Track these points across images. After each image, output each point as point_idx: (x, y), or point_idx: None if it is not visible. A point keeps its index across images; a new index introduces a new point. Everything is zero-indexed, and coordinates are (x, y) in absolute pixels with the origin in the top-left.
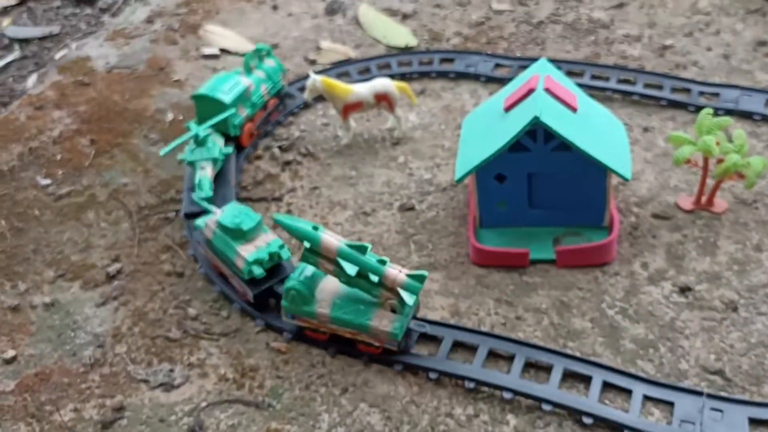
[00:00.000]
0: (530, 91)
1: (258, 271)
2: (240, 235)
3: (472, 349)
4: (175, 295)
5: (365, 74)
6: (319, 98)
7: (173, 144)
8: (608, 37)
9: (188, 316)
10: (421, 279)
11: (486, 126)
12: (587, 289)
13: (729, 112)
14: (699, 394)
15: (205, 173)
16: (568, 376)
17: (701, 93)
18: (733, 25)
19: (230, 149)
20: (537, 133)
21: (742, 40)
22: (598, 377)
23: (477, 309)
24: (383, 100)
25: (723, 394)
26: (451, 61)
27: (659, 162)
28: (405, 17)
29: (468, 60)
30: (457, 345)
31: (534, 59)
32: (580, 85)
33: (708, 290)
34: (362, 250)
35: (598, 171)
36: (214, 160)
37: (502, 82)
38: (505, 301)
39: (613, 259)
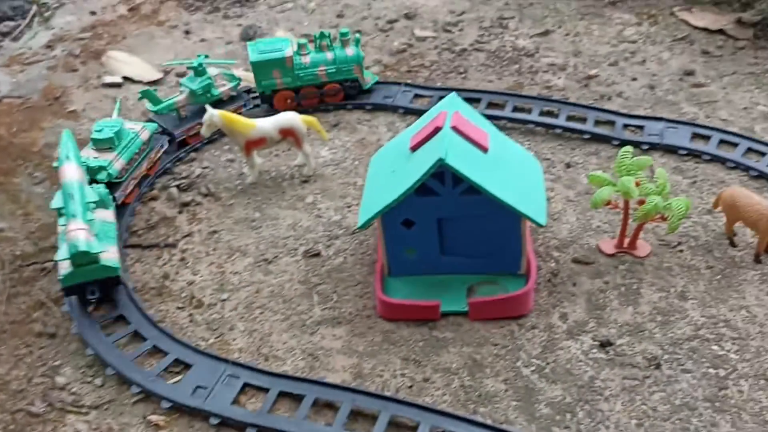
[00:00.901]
0: (437, 130)
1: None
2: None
3: (373, 418)
4: (43, 359)
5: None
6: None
7: (177, 61)
8: (532, 65)
9: (56, 386)
10: (75, 247)
11: (391, 167)
12: (502, 345)
13: (653, 147)
14: None
15: (177, 97)
16: None
17: (625, 126)
18: (659, 53)
19: (217, 92)
20: (444, 175)
21: (669, 69)
22: None
23: (382, 370)
24: (289, 135)
25: None
26: (368, 91)
27: (582, 201)
28: None
29: (386, 90)
30: (356, 413)
31: (454, 90)
32: (502, 118)
33: (630, 344)
34: (77, 191)
35: (512, 216)
36: (192, 92)
37: (421, 114)
38: (413, 360)
39: (530, 311)
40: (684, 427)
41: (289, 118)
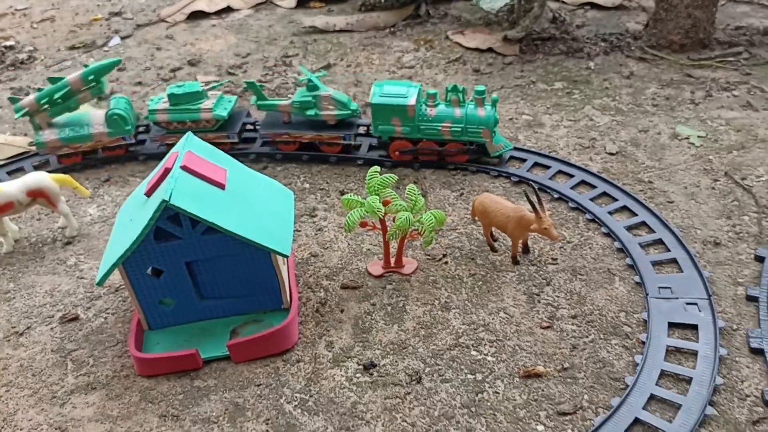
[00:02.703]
0: (167, 172)
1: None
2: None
3: None
4: None
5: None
6: None
7: (309, 74)
8: None
9: None
10: None
11: (130, 215)
12: (265, 384)
13: (425, 165)
14: None
15: (281, 101)
16: None
17: None
18: (434, 76)
19: (312, 112)
20: (180, 217)
21: (442, 90)
22: None
23: None
24: (39, 196)
25: None
26: (141, 143)
27: None
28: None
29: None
30: None
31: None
32: (275, 153)
33: (393, 363)
34: None
35: (261, 251)
36: (293, 103)
37: None
38: (172, 416)
39: (295, 344)
40: None
41: (36, 178)
